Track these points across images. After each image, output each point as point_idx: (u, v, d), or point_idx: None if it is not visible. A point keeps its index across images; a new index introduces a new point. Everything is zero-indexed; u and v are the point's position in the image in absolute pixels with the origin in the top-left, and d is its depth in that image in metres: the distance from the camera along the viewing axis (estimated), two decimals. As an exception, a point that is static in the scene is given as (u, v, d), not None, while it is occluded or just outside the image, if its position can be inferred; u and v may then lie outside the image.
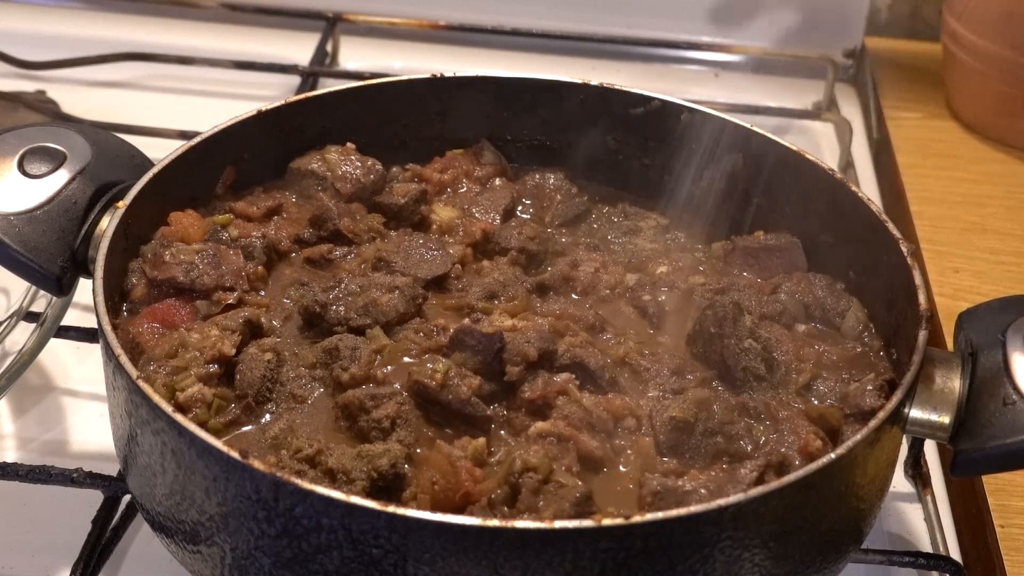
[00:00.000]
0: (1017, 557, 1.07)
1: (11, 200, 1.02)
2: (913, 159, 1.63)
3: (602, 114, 1.24)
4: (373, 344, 1.00)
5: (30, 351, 1.15)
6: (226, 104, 1.63)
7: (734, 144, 1.19)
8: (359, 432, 0.94)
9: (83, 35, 1.79)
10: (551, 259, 1.14)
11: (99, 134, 1.11)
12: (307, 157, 1.20)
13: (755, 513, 0.83)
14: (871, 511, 0.97)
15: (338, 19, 1.79)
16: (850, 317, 1.08)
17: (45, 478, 1.02)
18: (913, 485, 1.16)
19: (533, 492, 0.87)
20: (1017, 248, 1.47)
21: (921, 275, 1.01)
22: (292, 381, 0.98)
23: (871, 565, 1.04)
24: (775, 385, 1.00)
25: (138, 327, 1.00)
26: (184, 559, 0.92)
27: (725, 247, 1.16)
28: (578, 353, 1.00)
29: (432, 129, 1.25)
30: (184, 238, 1.08)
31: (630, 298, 1.10)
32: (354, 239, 1.13)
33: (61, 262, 1.02)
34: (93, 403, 1.20)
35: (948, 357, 0.97)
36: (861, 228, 1.09)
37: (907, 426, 0.95)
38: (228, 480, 0.83)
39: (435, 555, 0.80)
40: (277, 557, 0.84)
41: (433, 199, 1.20)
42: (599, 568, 0.81)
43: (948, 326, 1.16)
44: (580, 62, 1.81)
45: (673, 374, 1.01)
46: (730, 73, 1.83)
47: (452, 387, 0.95)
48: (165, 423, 0.86)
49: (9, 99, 1.61)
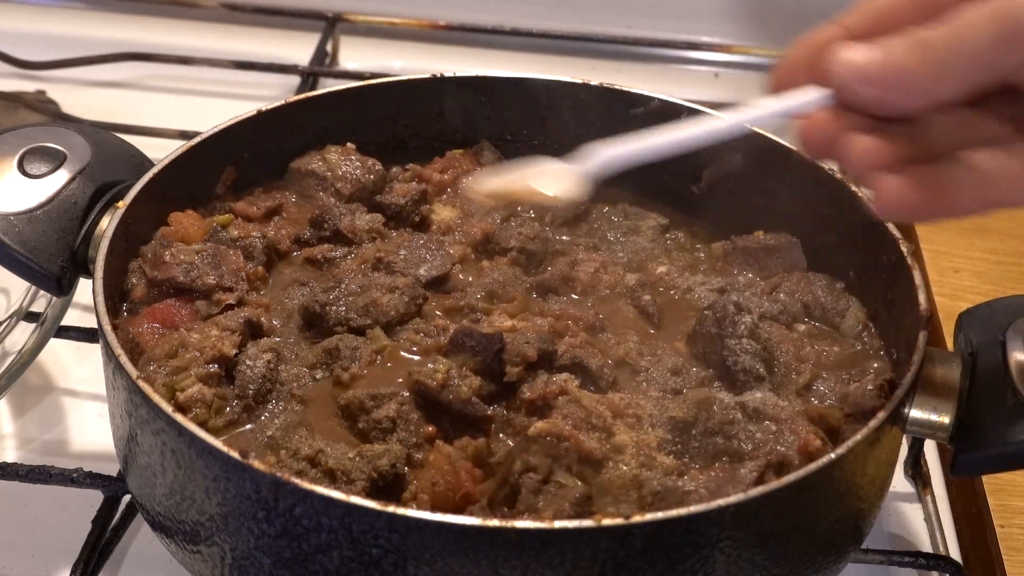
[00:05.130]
0: (1017, 557, 1.07)
1: (11, 200, 1.02)
2: (913, 159, 1.62)
3: (602, 114, 1.23)
4: (373, 344, 1.00)
5: (30, 351, 1.15)
6: (226, 104, 1.63)
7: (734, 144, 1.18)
8: (359, 432, 0.94)
9: (83, 35, 1.79)
10: (551, 259, 1.14)
11: (99, 134, 1.11)
12: (307, 157, 1.20)
13: (755, 513, 0.83)
14: (871, 511, 0.97)
15: (338, 19, 1.79)
16: (850, 317, 1.08)
17: (45, 478, 1.02)
18: (913, 485, 1.16)
19: (533, 492, 0.87)
20: (1017, 248, 1.47)
21: (921, 275, 1.01)
22: (292, 381, 0.98)
23: (871, 565, 1.04)
24: (775, 385, 1.00)
25: (138, 327, 1.00)
26: (184, 559, 0.92)
27: (725, 247, 1.16)
28: (578, 353, 1.00)
29: (432, 129, 1.25)
30: (184, 238, 1.08)
31: (630, 298, 1.10)
32: (354, 239, 1.13)
33: (61, 262, 1.02)
34: (93, 403, 1.20)
35: (948, 357, 0.97)
36: (861, 228, 1.08)
37: (907, 426, 0.95)
38: (228, 480, 0.83)
39: (435, 555, 0.80)
40: (277, 557, 0.84)
41: (433, 199, 1.20)
42: (599, 568, 0.81)
43: (948, 326, 1.16)
44: (580, 62, 1.81)
45: (673, 374, 1.01)
46: (730, 73, 1.83)
47: (452, 387, 0.95)
48: (165, 423, 0.86)
49: (9, 99, 1.61)
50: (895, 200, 0.75)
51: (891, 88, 0.74)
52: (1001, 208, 0.77)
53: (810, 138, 0.77)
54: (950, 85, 0.73)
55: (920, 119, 0.76)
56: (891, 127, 0.75)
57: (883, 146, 0.75)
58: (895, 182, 0.75)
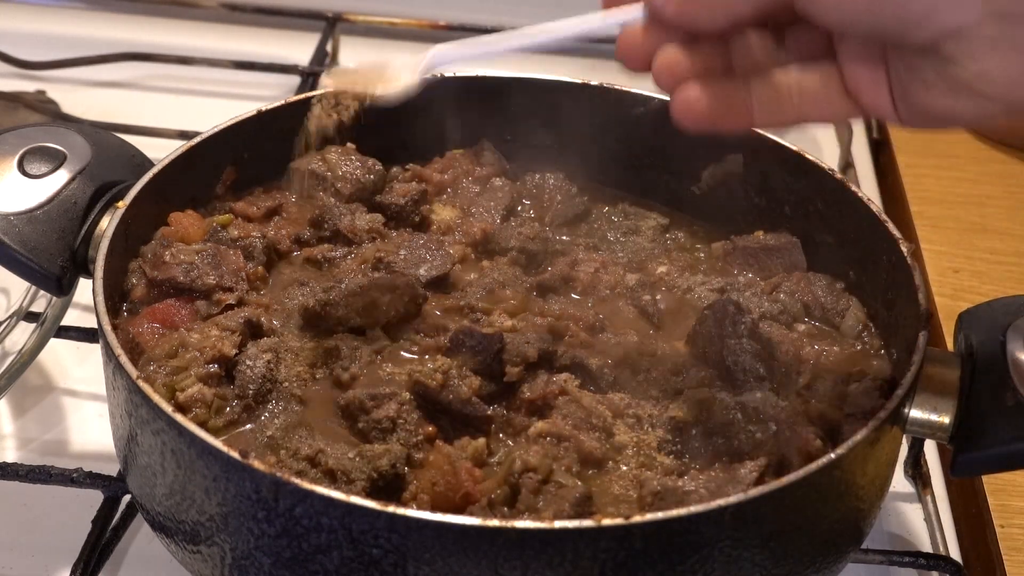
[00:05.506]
0: (1017, 557, 1.07)
1: (11, 200, 1.02)
2: (913, 159, 1.63)
3: (602, 114, 1.23)
4: (373, 344, 1.00)
5: (30, 351, 1.15)
6: (226, 104, 1.63)
7: (734, 144, 1.19)
8: (359, 432, 0.94)
9: (83, 35, 1.79)
10: (551, 259, 1.14)
11: (99, 134, 1.11)
12: (307, 157, 1.20)
13: (755, 513, 0.83)
14: (871, 511, 0.97)
15: (338, 19, 1.79)
16: (850, 317, 1.08)
17: (45, 478, 1.02)
18: (913, 485, 1.16)
19: (533, 492, 0.87)
20: (1017, 248, 1.47)
21: (921, 275, 1.01)
22: (292, 381, 0.98)
23: (871, 565, 1.04)
24: (775, 385, 1.00)
25: (138, 327, 1.00)
26: (184, 559, 0.92)
27: (725, 247, 1.16)
28: (578, 353, 1.00)
29: (432, 129, 1.25)
30: (184, 238, 1.08)
31: (630, 298, 1.10)
32: (354, 239, 1.13)
33: (61, 262, 1.02)
34: (93, 403, 1.20)
35: (948, 357, 0.97)
36: (861, 228, 1.09)
37: (907, 426, 0.95)
38: (228, 480, 0.83)
39: (435, 555, 0.80)
40: (277, 557, 0.84)
41: (433, 199, 1.20)
42: (599, 568, 0.81)
43: (948, 326, 1.16)
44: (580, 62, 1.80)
45: (673, 374, 1.01)
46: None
47: (452, 387, 0.95)
48: (165, 423, 0.86)
49: (9, 99, 1.61)
50: (687, 108, 0.83)
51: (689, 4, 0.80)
52: (796, 124, 0.84)
53: (627, 50, 0.84)
54: (741, 4, 0.79)
55: (726, 38, 0.82)
56: (701, 45, 0.82)
57: (686, 59, 0.82)
58: (692, 91, 0.82)
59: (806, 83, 0.82)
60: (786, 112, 0.83)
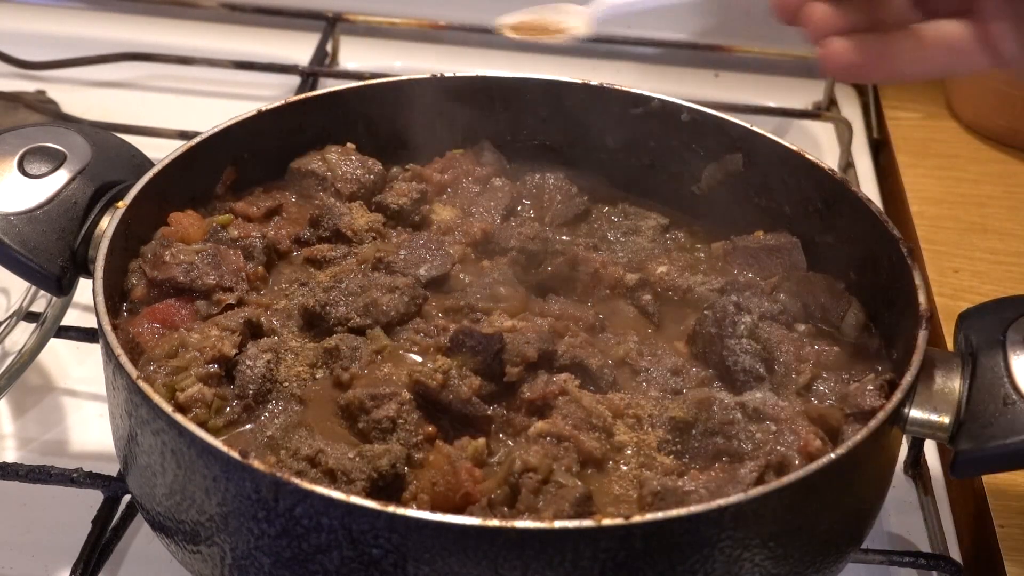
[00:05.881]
0: (1017, 557, 1.07)
1: (11, 200, 1.02)
2: (913, 159, 1.63)
3: (602, 114, 1.23)
4: (373, 344, 1.00)
5: (30, 351, 1.15)
6: (226, 104, 1.63)
7: (734, 144, 1.19)
8: (359, 432, 0.94)
9: (83, 35, 1.79)
10: (551, 259, 1.14)
11: (99, 134, 1.11)
12: (307, 157, 1.20)
13: (755, 513, 0.83)
14: (871, 511, 0.97)
15: (338, 19, 1.79)
16: (850, 317, 1.08)
17: (45, 478, 1.02)
18: (913, 485, 1.16)
19: (533, 492, 0.87)
20: (1017, 248, 1.47)
21: (921, 275, 1.01)
22: (292, 381, 0.98)
23: (871, 565, 1.04)
24: (775, 385, 1.00)
25: (138, 327, 1.00)
26: (184, 559, 0.92)
27: (725, 247, 1.17)
28: (578, 353, 1.00)
29: (432, 129, 1.25)
30: (184, 238, 1.08)
31: (630, 298, 1.10)
32: (354, 239, 1.13)
33: (61, 262, 1.02)
34: (93, 403, 1.20)
35: (948, 357, 0.97)
36: (861, 228, 1.09)
37: (907, 426, 0.95)
38: (228, 480, 0.83)
39: (435, 555, 0.80)
40: (277, 557, 0.84)
41: (433, 199, 1.20)
42: (599, 568, 0.81)
43: (948, 326, 1.16)
44: (580, 62, 1.81)
45: (673, 374, 1.01)
46: (730, 73, 1.83)
47: (452, 387, 0.95)
48: (165, 423, 0.86)
49: (9, 99, 1.61)
50: (836, 58, 0.89)
51: None
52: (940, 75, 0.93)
53: (781, 3, 0.91)
54: None
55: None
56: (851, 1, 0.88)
57: (837, 14, 0.89)
58: (841, 43, 0.88)
59: (949, 36, 0.88)
60: (929, 62, 0.88)
